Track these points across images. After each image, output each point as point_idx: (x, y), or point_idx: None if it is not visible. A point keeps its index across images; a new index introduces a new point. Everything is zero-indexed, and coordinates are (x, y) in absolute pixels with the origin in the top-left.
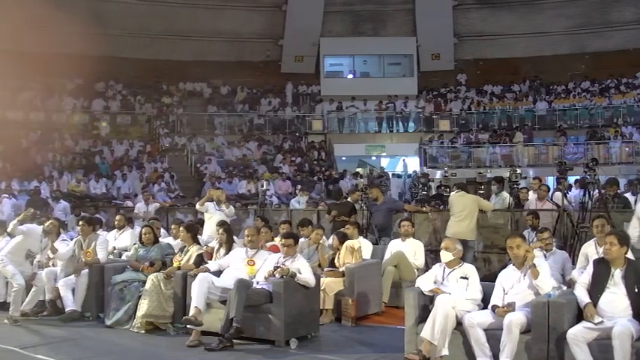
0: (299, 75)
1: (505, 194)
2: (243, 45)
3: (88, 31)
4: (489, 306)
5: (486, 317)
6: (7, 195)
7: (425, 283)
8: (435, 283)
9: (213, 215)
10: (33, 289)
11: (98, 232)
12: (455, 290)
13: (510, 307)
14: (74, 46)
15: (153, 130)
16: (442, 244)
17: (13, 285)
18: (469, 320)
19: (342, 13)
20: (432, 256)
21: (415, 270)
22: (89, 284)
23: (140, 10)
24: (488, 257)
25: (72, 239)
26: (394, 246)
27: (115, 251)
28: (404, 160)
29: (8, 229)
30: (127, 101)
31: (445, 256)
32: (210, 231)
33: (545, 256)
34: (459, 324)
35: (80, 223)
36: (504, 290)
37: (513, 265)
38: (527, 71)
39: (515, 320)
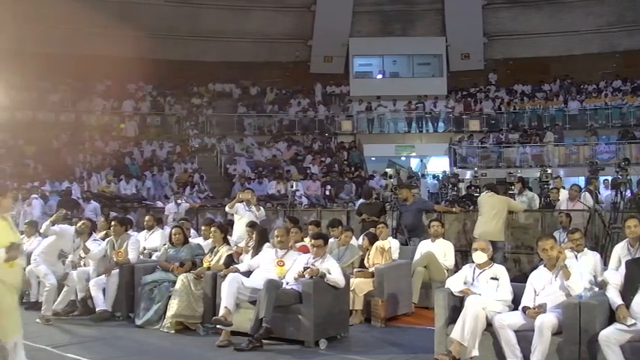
0: (328, 75)
1: (530, 194)
2: (273, 45)
3: (118, 33)
4: (520, 307)
5: (517, 318)
6: (36, 195)
7: (455, 283)
8: (465, 283)
9: (243, 216)
10: (65, 289)
11: (129, 232)
12: (485, 291)
13: (541, 308)
14: (103, 47)
15: (182, 131)
16: (475, 245)
17: (45, 285)
18: (499, 321)
19: (370, 13)
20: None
21: (445, 271)
22: (120, 284)
23: (169, 11)
24: (519, 258)
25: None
26: (424, 246)
27: (145, 252)
28: (421, 161)
29: (41, 230)
30: (156, 102)
31: (480, 256)
32: (239, 232)
33: (577, 257)
34: (489, 325)
35: (112, 223)
36: (535, 291)
37: (544, 265)
38: (557, 70)
39: (547, 322)
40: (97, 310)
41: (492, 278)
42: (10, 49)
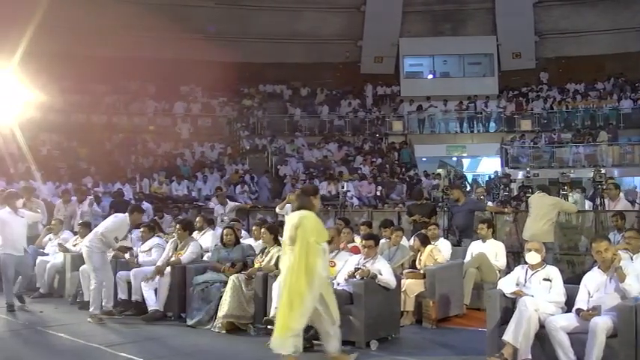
0: (378, 76)
1: (576, 196)
2: (323, 46)
3: (169, 36)
4: (574, 309)
5: (570, 321)
6: (91, 197)
7: (507, 285)
8: (517, 285)
9: None
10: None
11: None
12: (538, 293)
13: (596, 310)
14: (155, 50)
15: (233, 132)
16: (528, 246)
17: (91, 283)
18: (553, 323)
19: (420, 13)
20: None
21: (497, 271)
22: (171, 284)
23: (220, 13)
24: (572, 259)
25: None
26: (474, 247)
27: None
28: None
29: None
30: (207, 104)
31: (533, 257)
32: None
33: (632, 258)
34: (542, 327)
35: (177, 226)
36: (589, 293)
37: (599, 267)
38: (611, 68)
39: (602, 324)
40: (149, 310)
41: (545, 279)
42: (64, 52)
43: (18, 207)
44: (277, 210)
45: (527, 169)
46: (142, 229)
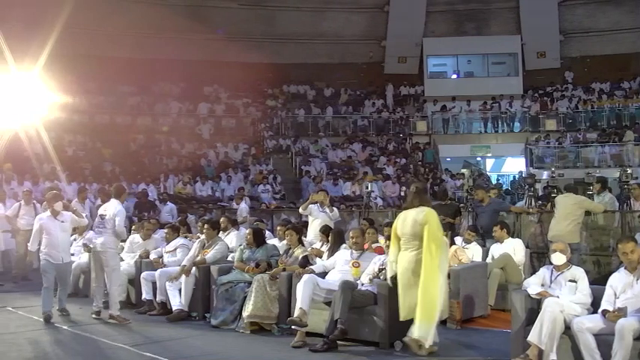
0: (402, 76)
1: (608, 196)
2: (346, 47)
3: (193, 37)
4: (600, 310)
5: (596, 322)
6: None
7: (532, 285)
8: (542, 285)
9: (317, 217)
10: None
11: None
12: (563, 293)
13: (622, 311)
14: (179, 51)
15: (257, 133)
16: (554, 246)
17: (111, 283)
18: (578, 325)
19: (444, 12)
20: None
21: (522, 272)
22: (196, 284)
23: (243, 14)
24: (598, 260)
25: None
26: (494, 250)
27: None
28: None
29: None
30: (231, 104)
31: (559, 258)
32: (314, 233)
33: None
34: (568, 328)
35: (205, 226)
36: (615, 294)
37: (625, 268)
38: (637, 67)
39: (628, 326)
40: (173, 310)
41: (571, 280)
42: (88, 54)
43: (58, 210)
44: (300, 210)
45: (552, 169)
46: (166, 230)
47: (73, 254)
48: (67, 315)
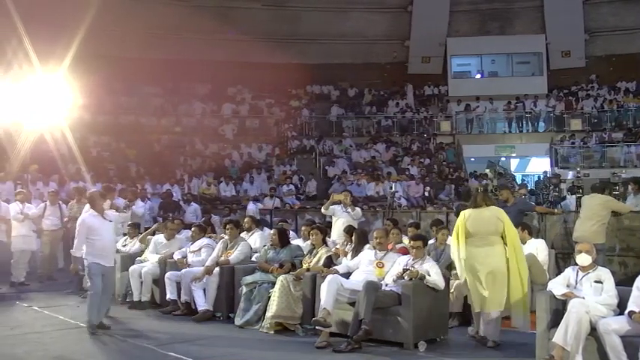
0: (426, 76)
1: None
2: (370, 47)
3: (217, 37)
4: (626, 312)
5: (623, 323)
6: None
7: (557, 286)
8: (567, 286)
9: (340, 217)
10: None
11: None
12: (589, 294)
13: None
14: (203, 52)
15: (281, 133)
16: (579, 247)
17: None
18: (605, 326)
19: (468, 12)
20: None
21: (547, 273)
22: (220, 284)
23: (267, 15)
24: (624, 261)
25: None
26: None
27: None
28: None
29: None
30: (255, 105)
31: (584, 259)
32: (337, 233)
33: None
34: (594, 329)
35: (228, 226)
36: None
37: None
38: None
39: None
40: (198, 310)
41: (596, 281)
42: (113, 55)
43: (105, 209)
44: (323, 210)
45: (578, 169)
46: (193, 229)
47: None
48: (106, 329)
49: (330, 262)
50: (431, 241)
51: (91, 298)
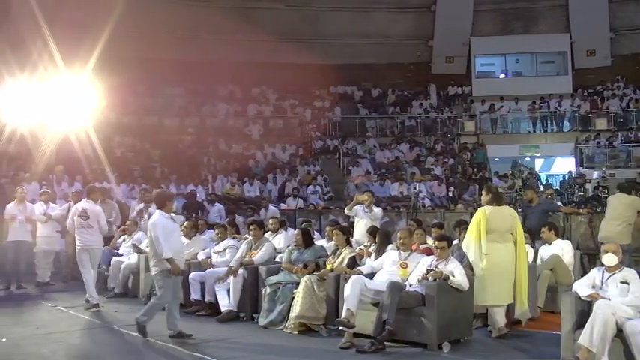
0: (450, 76)
1: None
2: (394, 47)
3: (240, 38)
4: None
5: None
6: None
7: (582, 287)
8: (593, 287)
9: (362, 218)
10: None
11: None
12: (615, 295)
13: None
14: (226, 52)
15: (305, 134)
16: (605, 247)
17: None
18: (632, 327)
19: (491, 11)
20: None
21: (572, 274)
22: (244, 285)
23: (290, 15)
24: None
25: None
26: (543, 251)
27: None
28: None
29: None
30: (279, 105)
31: (610, 259)
32: (360, 233)
33: None
34: (620, 331)
35: (252, 227)
36: None
37: None
38: None
39: None
40: (222, 310)
41: (622, 282)
42: (137, 56)
43: (173, 210)
44: (346, 211)
45: (603, 169)
46: (217, 230)
47: (121, 254)
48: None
49: (353, 263)
50: (455, 242)
51: (171, 305)
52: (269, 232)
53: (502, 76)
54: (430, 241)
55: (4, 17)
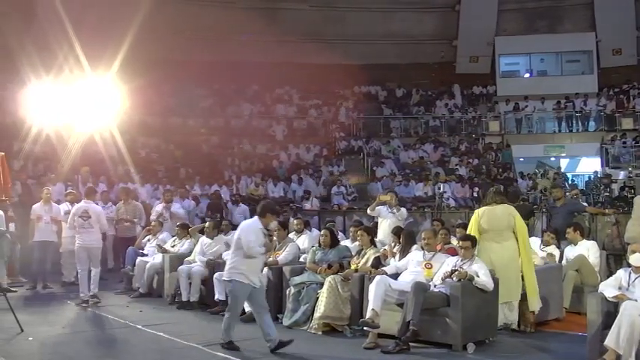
0: (474, 75)
1: None
2: (417, 47)
3: (266, 39)
4: None
5: None
6: (177, 198)
7: (609, 288)
8: (619, 288)
9: (386, 218)
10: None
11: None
12: None
13: None
14: (251, 53)
15: (329, 134)
16: (632, 247)
17: None
18: None
19: (516, 11)
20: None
21: (598, 274)
22: (268, 285)
23: (314, 15)
24: None
25: None
26: (568, 252)
27: None
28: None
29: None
30: (302, 106)
31: (638, 259)
32: (383, 233)
33: None
34: None
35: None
36: None
37: None
38: None
39: None
40: (246, 310)
41: None
42: (161, 57)
43: (269, 225)
44: (369, 211)
45: (629, 169)
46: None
47: (146, 255)
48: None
49: (378, 263)
50: None
51: (230, 315)
52: (293, 232)
53: (527, 75)
54: (454, 241)
55: (31, 21)
